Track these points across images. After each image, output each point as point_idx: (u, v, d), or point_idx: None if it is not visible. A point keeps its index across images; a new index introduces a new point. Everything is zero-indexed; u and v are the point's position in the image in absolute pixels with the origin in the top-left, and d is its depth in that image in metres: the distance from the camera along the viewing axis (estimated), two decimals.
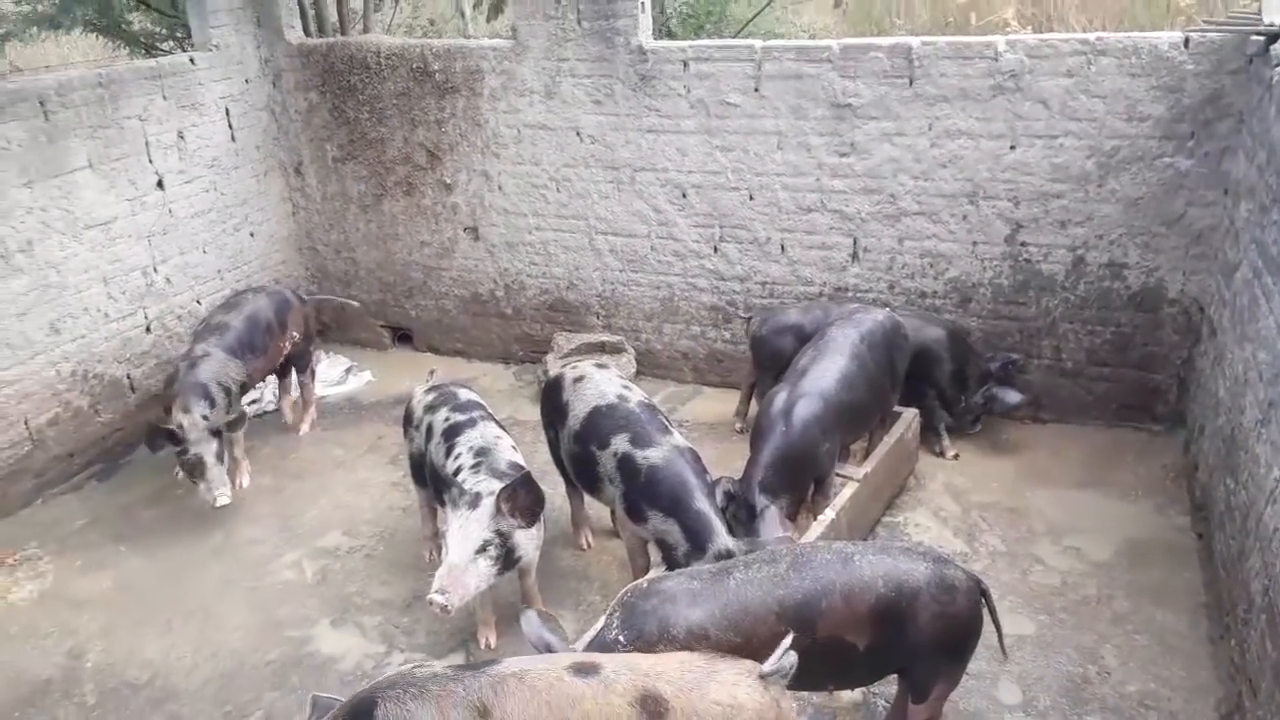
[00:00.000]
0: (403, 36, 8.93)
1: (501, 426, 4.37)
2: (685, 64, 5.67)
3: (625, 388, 4.27)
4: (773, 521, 3.93)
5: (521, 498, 3.61)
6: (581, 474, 4.23)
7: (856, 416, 4.54)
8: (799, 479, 4.21)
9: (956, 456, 5.35)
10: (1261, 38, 4.44)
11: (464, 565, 3.54)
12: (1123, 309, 5.35)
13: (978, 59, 5.12)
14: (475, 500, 3.63)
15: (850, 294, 5.80)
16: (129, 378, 5.88)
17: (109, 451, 5.77)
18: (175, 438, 4.73)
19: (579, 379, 4.34)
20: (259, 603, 4.47)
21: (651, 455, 3.88)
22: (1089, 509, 4.82)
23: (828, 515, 4.14)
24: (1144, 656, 3.85)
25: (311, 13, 8.22)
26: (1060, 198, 5.23)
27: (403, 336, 7.25)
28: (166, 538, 4.98)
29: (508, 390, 6.47)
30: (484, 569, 3.59)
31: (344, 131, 6.71)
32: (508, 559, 3.70)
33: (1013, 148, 5.22)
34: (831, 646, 2.94)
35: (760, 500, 3.99)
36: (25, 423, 5.27)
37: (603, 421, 4.07)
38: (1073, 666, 3.81)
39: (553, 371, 5.31)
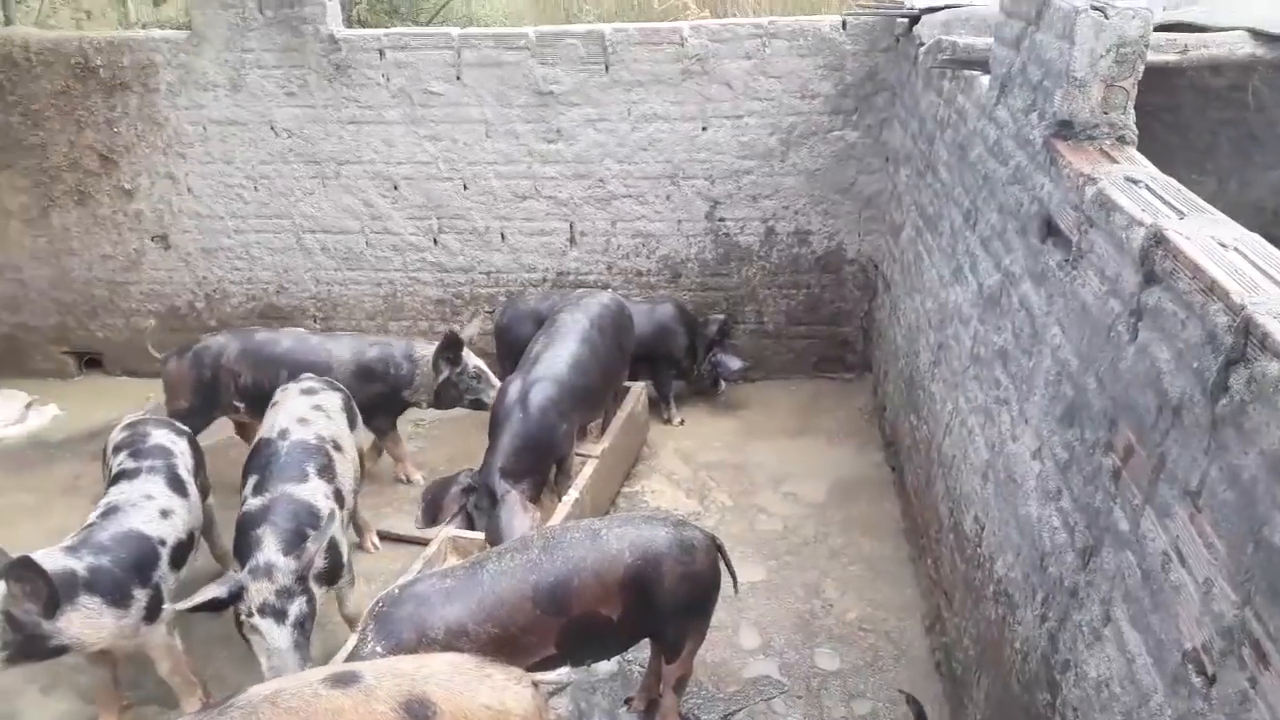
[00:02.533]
0: (55, 28, 7.97)
1: (181, 482, 3.78)
2: (381, 52, 5.52)
3: (301, 421, 3.89)
4: (514, 506, 3.97)
5: (27, 581, 3.01)
6: None
7: (590, 397, 4.68)
8: (540, 463, 4.28)
9: (683, 422, 5.67)
10: (905, 19, 5.03)
11: None
12: (810, 271, 5.88)
13: (666, 44, 5.39)
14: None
15: (572, 278, 5.94)
16: None
17: None
18: None
19: (274, 404, 4.09)
20: None
21: (252, 503, 3.55)
22: (801, 456, 5.28)
23: (572, 495, 4.25)
24: (859, 584, 4.29)
25: None
26: (750, 173, 5.64)
27: (91, 361, 6.54)
28: None
29: None
30: None
31: None
32: (28, 647, 3.09)
33: (704, 129, 5.56)
34: (587, 622, 3.04)
35: (501, 486, 4.01)
36: None
37: (254, 458, 3.79)
38: (801, 604, 4.18)
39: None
